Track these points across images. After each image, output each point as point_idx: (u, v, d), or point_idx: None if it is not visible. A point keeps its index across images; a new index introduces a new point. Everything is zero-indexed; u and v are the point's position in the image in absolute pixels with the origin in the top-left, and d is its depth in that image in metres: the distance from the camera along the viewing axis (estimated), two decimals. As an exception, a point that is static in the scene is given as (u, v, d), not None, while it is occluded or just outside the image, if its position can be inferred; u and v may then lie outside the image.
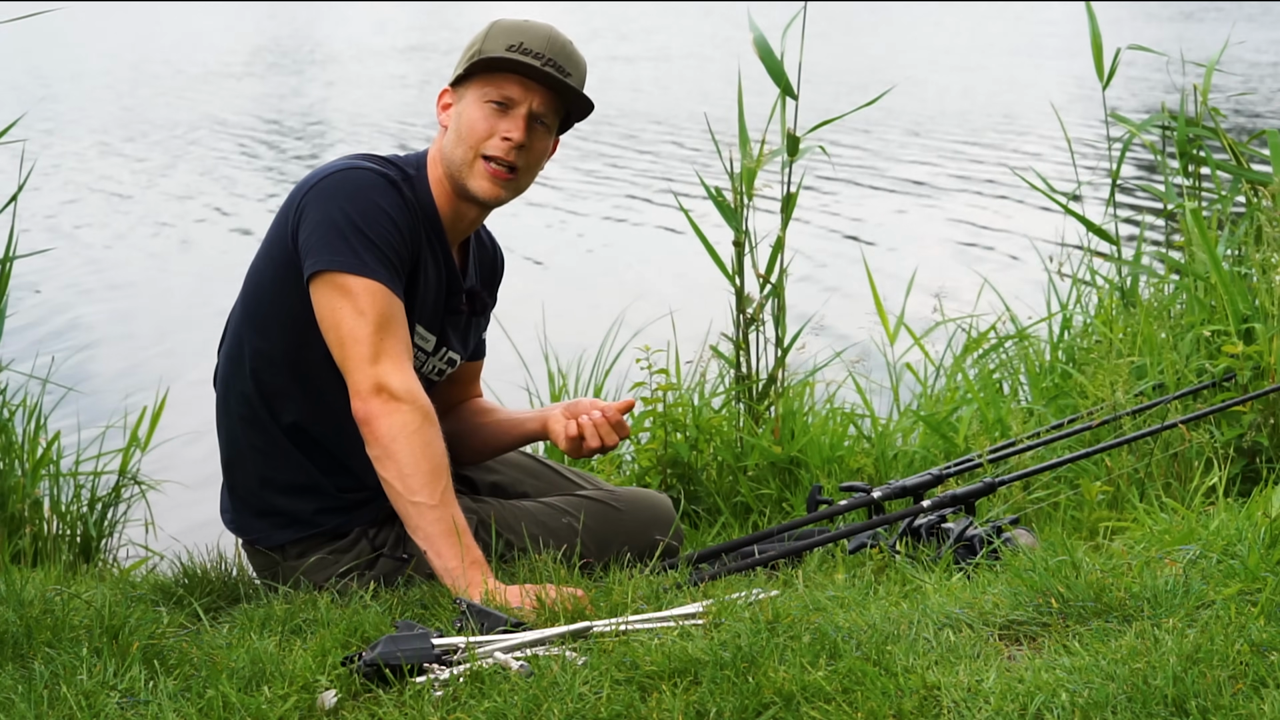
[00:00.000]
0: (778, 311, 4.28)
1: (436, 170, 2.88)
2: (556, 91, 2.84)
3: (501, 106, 2.82)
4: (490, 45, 2.82)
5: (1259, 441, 3.67)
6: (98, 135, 15.67)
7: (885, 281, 5.04)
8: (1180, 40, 17.48)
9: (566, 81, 2.82)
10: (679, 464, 4.09)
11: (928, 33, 31.83)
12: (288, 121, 17.07)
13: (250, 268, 2.90)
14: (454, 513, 2.68)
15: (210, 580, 3.00)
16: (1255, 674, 2.08)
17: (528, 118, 2.83)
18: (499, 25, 2.85)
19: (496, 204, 2.88)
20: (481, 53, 2.82)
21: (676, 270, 8.45)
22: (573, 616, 2.47)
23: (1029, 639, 2.34)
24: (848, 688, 2.11)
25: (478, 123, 2.83)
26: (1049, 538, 2.98)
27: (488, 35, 2.84)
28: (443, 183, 2.88)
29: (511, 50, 2.80)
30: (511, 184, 2.86)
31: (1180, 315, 4.28)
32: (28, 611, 2.51)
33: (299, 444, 2.86)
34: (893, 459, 4.11)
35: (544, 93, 2.83)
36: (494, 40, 2.83)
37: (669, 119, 16.63)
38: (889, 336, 4.68)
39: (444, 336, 2.96)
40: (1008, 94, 19.48)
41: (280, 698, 2.20)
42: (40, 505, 4.00)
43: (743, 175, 4.21)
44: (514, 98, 2.82)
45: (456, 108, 2.87)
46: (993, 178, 12.49)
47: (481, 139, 2.83)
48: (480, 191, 2.84)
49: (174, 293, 8.79)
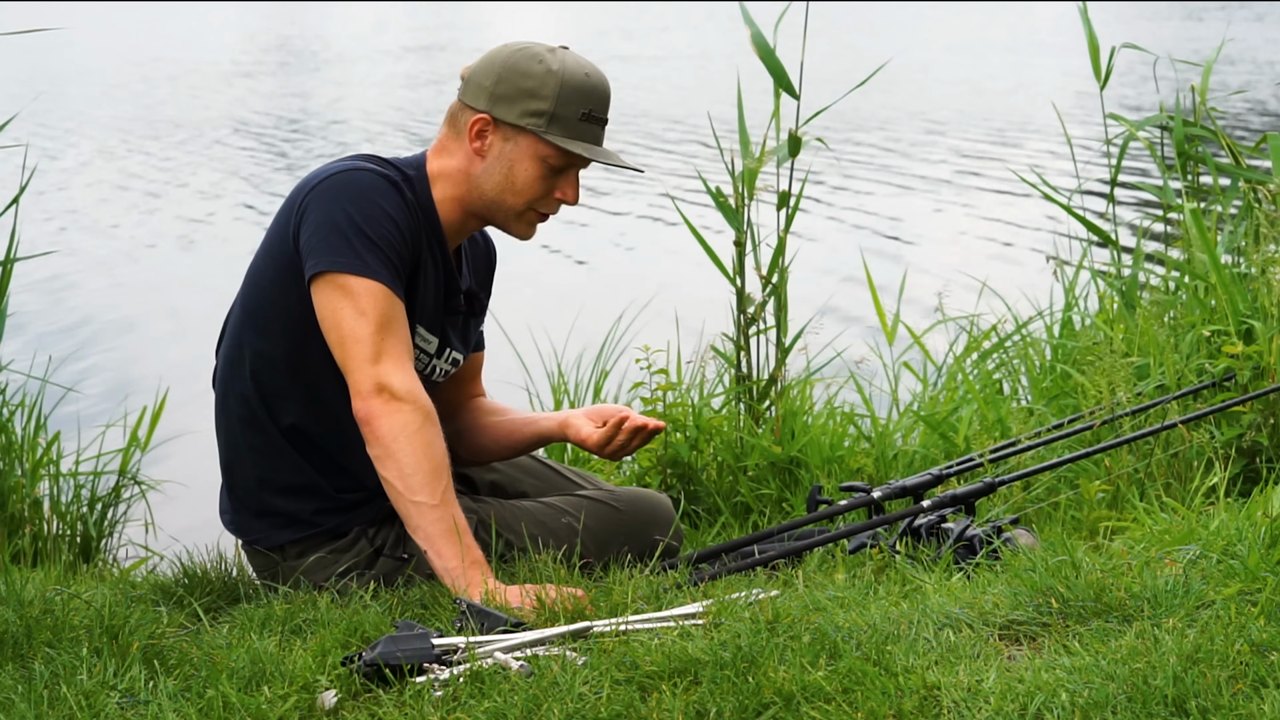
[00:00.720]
0: (778, 311, 4.28)
1: (449, 186, 2.85)
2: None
3: (559, 169, 2.83)
4: (563, 109, 2.77)
5: (1259, 441, 3.68)
6: (98, 135, 15.68)
7: (884, 282, 5.04)
8: (1191, 40, 17.50)
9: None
10: (679, 464, 4.09)
11: (928, 32, 31.83)
12: (289, 121, 17.07)
13: (249, 268, 2.90)
14: (454, 513, 2.68)
15: (210, 580, 3.00)
16: (1255, 674, 2.08)
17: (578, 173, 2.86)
18: (570, 84, 2.77)
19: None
20: (554, 116, 2.77)
21: (678, 270, 8.44)
22: (573, 616, 2.47)
23: (1029, 639, 2.34)
24: (848, 688, 2.11)
25: (534, 180, 2.81)
26: (1049, 538, 2.98)
27: (560, 94, 2.77)
28: (459, 200, 2.85)
29: (585, 120, 2.79)
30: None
31: (1180, 315, 4.28)
32: (28, 611, 2.51)
33: (298, 445, 2.86)
34: (893, 459, 4.11)
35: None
36: (567, 103, 2.77)
37: (675, 118, 16.63)
38: (888, 336, 4.68)
39: (445, 338, 2.96)
40: (1011, 92, 19.48)
41: (280, 698, 2.21)
42: (40, 505, 4.00)
43: (744, 175, 4.21)
44: (575, 163, 2.83)
45: (505, 150, 2.81)
46: (994, 177, 12.49)
47: (538, 197, 2.83)
48: (519, 236, 2.90)
49: (175, 292, 8.79)
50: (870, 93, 18.93)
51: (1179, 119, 4.73)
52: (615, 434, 2.97)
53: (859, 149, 14.34)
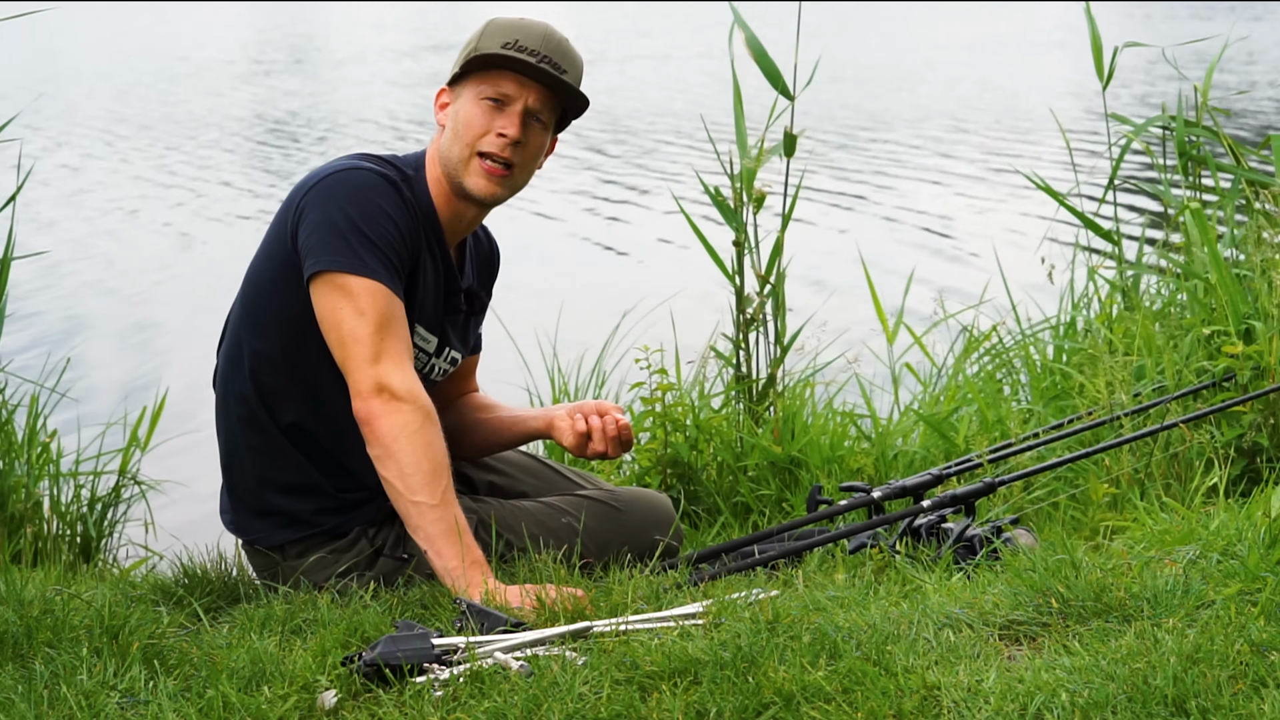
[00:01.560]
0: (777, 311, 4.28)
1: (435, 170, 2.88)
2: (552, 88, 2.84)
3: (497, 103, 2.82)
4: (486, 43, 2.82)
5: (1259, 441, 3.68)
6: (97, 134, 15.67)
7: (884, 282, 5.04)
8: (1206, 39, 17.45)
9: (562, 79, 2.82)
10: (679, 464, 4.09)
11: (929, 32, 31.82)
12: (289, 121, 17.07)
13: (249, 268, 2.90)
14: (455, 512, 2.68)
15: (210, 580, 3.00)
16: (1255, 674, 2.08)
17: (523, 114, 2.83)
18: (495, 23, 2.85)
19: (494, 202, 2.88)
20: (477, 50, 2.82)
21: (679, 270, 8.44)
22: (573, 616, 2.47)
23: (1029, 639, 2.34)
24: (848, 688, 2.11)
25: (474, 120, 2.83)
26: (1049, 538, 2.98)
27: (483, 33, 2.85)
28: (441, 182, 2.88)
29: (507, 48, 2.80)
30: (508, 181, 2.85)
31: (1180, 315, 4.28)
32: (28, 611, 2.51)
33: (298, 444, 2.86)
34: (893, 459, 4.11)
35: (540, 90, 2.83)
36: (489, 38, 2.83)
37: (674, 117, 16.62)
38: (888, 336, 4.68)
39: (444, 337, 2.96)
40: (1020, 93, 19.47)
41: (280, 698, 2.20)
42: (40, 505, 4.00)
43: (741, 175, 4.21)
44: (510, 94, 2.82)
45: (453, 106, 2.87)
46: (996, 176, 12.49)
47: (477, 136, 2.83)
48: (477, 189, 2.84)
49: (175, 292, 8.79)
50: (869, 92, 18.93)
51: (1180, 119, 4.73)
52: (587, 440, 2.99)
53: (858, 149, 14.33)
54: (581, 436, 2.99)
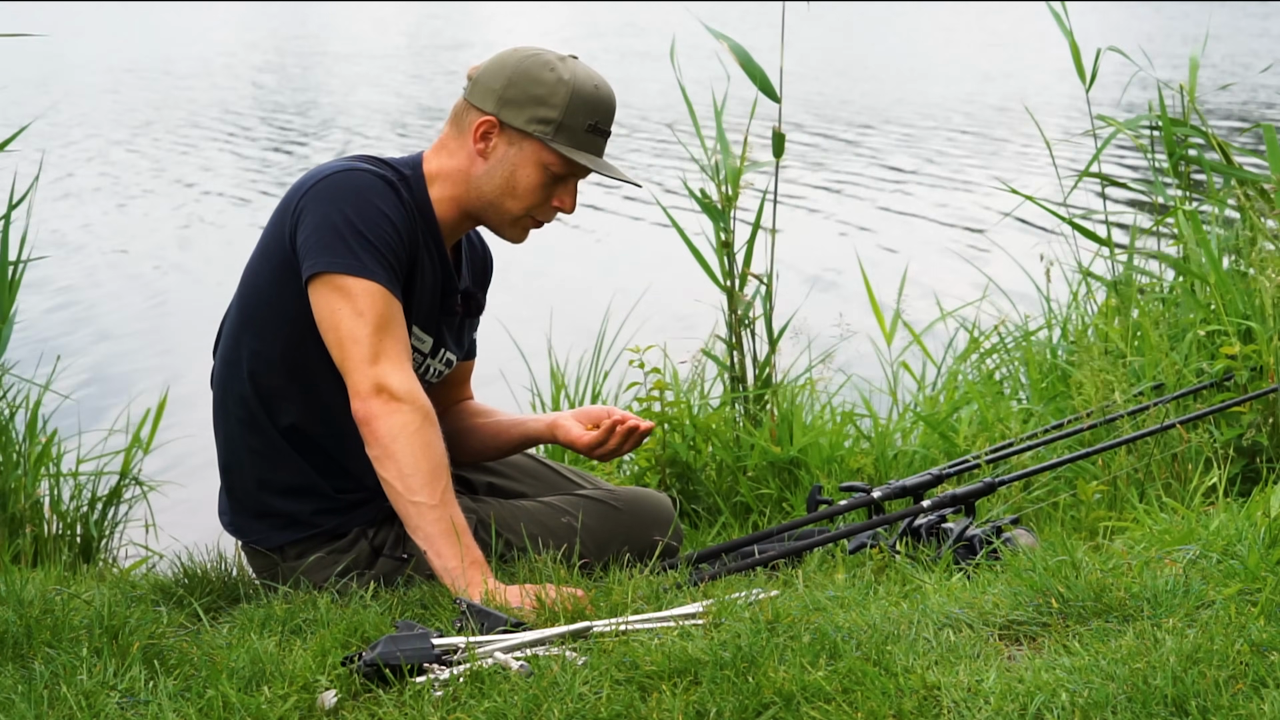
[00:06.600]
0: (768, 310, 4.29)
1: (447, 186, 2.86)
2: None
3: (560, 176, 2.83)
4: (571, 118, 2.78)
5: (1258, 441, 3.68)
6: (98, 136, 15.67)
7: (882, 281, 5.04)
8: (1195, 39, 17.46)
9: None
10: (678, 464, 4.09)
11: (929, 32, 31.83)
12: (289, 121, 17.07)
13: (246, 269, 2.90)
14: (454, 513, 2.68)
15: (210, 580, 3.00)
16: (1255, 674, 2.09)
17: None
18: (580, 94, 2.79)
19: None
20: (561, 125, 2.79)
21: (677, 270, 8.44)
22: (573, 616, 2.47)
23: (1029, 639, 2.34)
24: (848, 688, 2.11)
25: (535, 186, 2.82)
26: (1049, 538, 2.98)
27: (569, 103, 2.78)
28: (456, 200, 2.86)
29: (591, 131, 2.81)
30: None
31: (1178, 316, 4.28)
32: (28, 611, 2.51)
33: (296, 445, 2.85)
34: (893, 459, 4.11)
35: None
36: (575, 113, 2.78)
37: (668, 118, 16.62)
38: (885, 336, 4.69)
39: (440, 338, 2.96)
40: (1009, 91, 19.47)
41: (280, 698, 2.21)
42: (40, 505, 4.00)
43: (728, 176, 4.21)
44: (576, 172, 2.84)
45: (509, 154, 2.82)
46: (992, 177, 12.49)
47: (536, 204, 2.84)
48: (511, 240, 2.91)
49: (176, 293, 8.79)
50: (858, 90, 18.93)
51: (1165, 119, 4.72)
52: (608, 437, 2.99)
53: (856, 149, 14.33)
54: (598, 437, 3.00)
